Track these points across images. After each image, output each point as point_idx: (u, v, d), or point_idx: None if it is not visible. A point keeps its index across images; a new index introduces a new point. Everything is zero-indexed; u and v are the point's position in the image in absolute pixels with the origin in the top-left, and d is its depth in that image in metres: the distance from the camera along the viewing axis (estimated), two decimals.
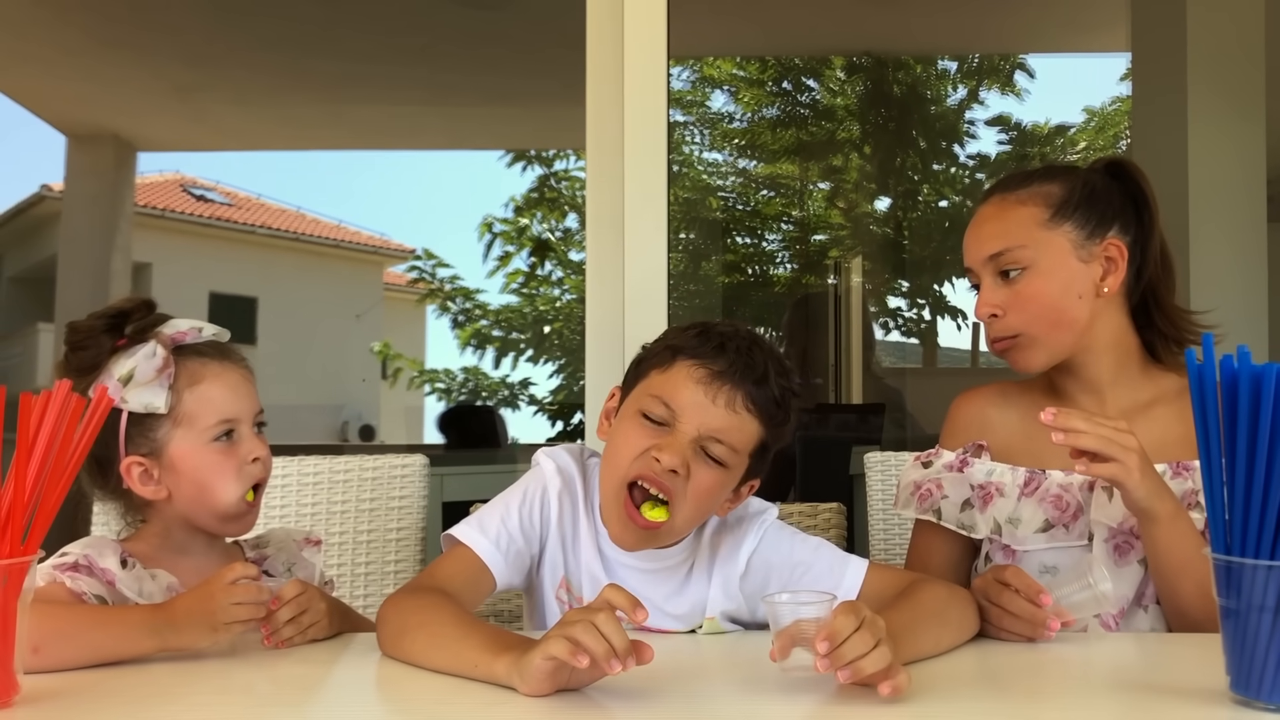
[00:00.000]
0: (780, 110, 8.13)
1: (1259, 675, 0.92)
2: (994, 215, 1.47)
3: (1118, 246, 1.43)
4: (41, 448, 0.95)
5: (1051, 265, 1.41)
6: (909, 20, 5.03)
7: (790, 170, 8.46)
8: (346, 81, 5.47)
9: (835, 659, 0.93)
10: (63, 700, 0.98)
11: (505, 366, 11.44)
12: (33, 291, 11.23)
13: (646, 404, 1.24)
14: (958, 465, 1.52)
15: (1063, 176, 1.46)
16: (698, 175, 8.56)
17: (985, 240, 1.45)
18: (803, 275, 8.36)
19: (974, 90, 8.01)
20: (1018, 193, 1.46)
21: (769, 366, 1.25)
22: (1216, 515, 0.96)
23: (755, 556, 1.32)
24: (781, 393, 1.25)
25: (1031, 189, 1.45)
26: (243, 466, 1.27)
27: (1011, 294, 1.42)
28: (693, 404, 1.21)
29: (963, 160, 8.06)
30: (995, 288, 1.44)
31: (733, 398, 1.22)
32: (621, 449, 1.24)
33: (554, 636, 0.93)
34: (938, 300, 8.04)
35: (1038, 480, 1.45)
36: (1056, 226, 1.42)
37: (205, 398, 1.26)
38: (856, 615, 0.96)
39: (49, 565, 1.18)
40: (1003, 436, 1.52)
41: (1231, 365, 0.94)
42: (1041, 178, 1.47)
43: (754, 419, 1.23)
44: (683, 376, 1.23)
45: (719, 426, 1.21)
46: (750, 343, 1.26)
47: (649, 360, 1.29)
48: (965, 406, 1.58)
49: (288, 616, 1.19)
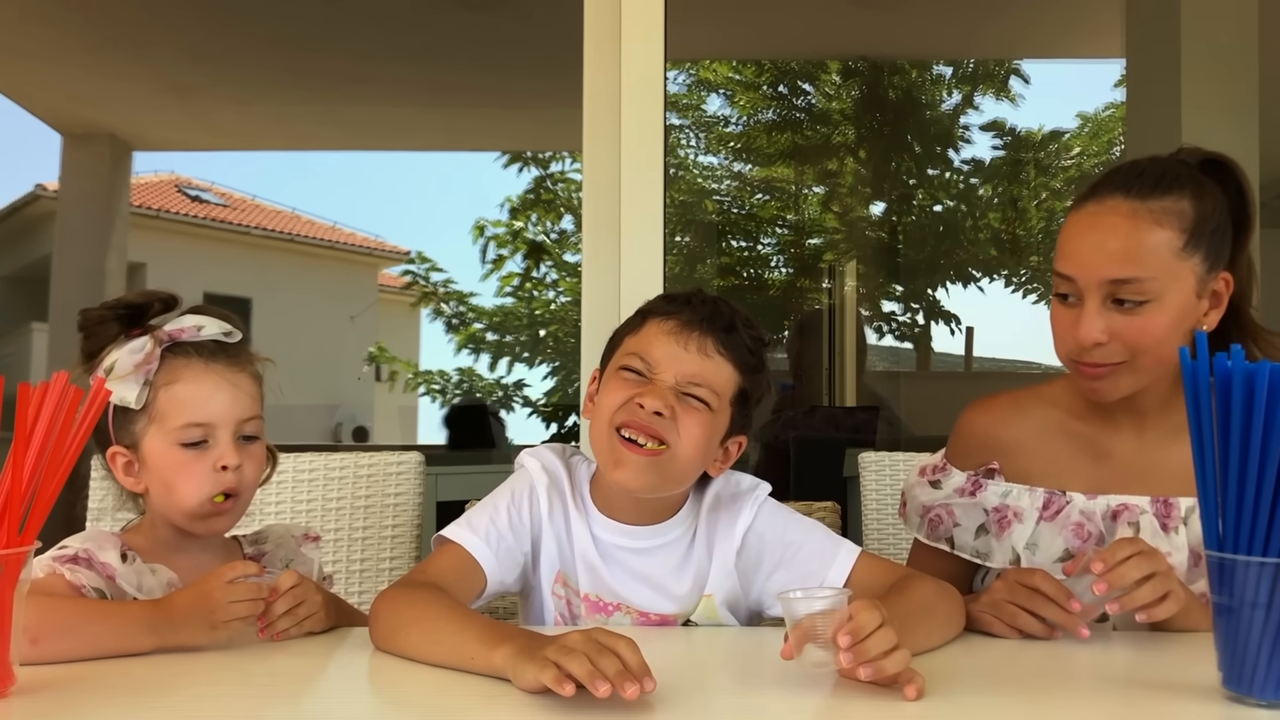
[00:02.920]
0: (776, 114, 8.15)
1: (1251, 671, 0.93)
2: (1125, 230, 1.27)
3: (1226, 280, 1.31)
4: (39, 438, 0.95)
5: (1175, 301, 1.27)
6: (904, 25, 5.05)
7: (785, 174, 8.47)
8: (343, 81, 5.48)
9: (858, 654, 0.94)
10: (59, 691, 0.98)
11: (500, 369, 11.46)
12: (27, 291, 11.20)
13: (627, 361, 1.28)
14: (969, 489, 1.43)
15: (1193, 190, 1.29)
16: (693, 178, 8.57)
17: (1113, 260, 1.26)
18: (797, 279, 8.38)
19: (969, 95, 8.04)
20: (1151, 205, 1.27)
21: (735, 316, 1.30)
22: (1210, 512, 0.97)
23: (750, 533, 1.34)
24: (751, 340, 1.30)
25: (1167, 203, 1.28)
26: (209, 474, 1.24)
27: (1127, 324, 1.27)
28: (667, 355, 1.26)
29: (957, 165, 8.08)
30: (1105, 312, 1.28)
31: (704, 343, 1.27)
32: (607, 401, 1.27)
33: (548, 662, 0.91)
34: (932, 305, 8.06)
35: (1058, 503, 1.38)
36: (1188, 258, 1.27)
37: (176, 398, 1.24)
38: (878, 613, 0.96)
39: (49, 557, 1.18)
40: (1018, 457, 1.43)
41: (1225, 364, 0.95)
42: (1174, 187, 1.29)
43: (727, 363, 1.28)
44: (654, 331, 1.29)
45: (695, 371, 1.26)
46: (714, 298, 1.32)
47: (621, 330, 1.35)
48: (975, 424, 1.48)
49: (284, 608, 1.19)
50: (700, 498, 1.36)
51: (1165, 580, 1.16)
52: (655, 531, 1.33)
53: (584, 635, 0.94)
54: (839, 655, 0.94)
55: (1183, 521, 1.33)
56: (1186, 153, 1.38)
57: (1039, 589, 1.21)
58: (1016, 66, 7.92)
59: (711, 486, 1.37)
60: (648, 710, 0.92)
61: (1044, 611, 1.21)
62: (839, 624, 0.96)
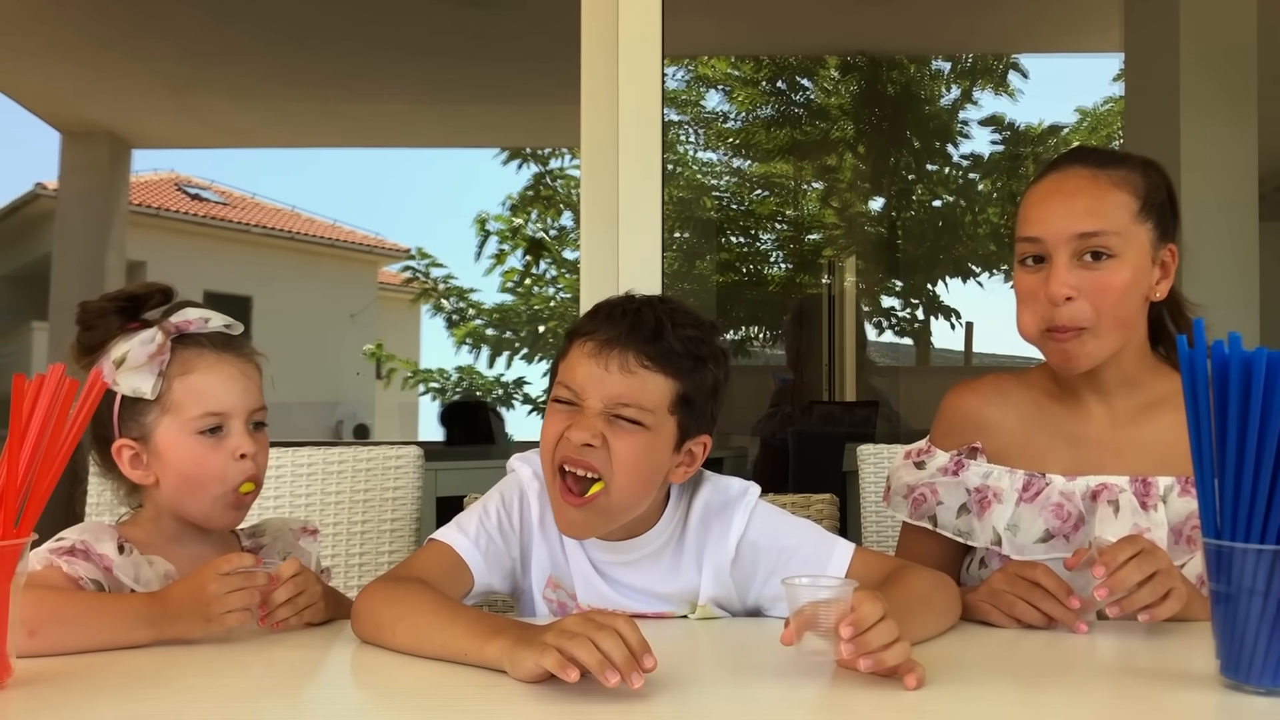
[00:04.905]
0: (774, 110, 8.15)
1: (1249, 658, 0.93)
2: (1089, 190, 1.35)
3: (1172, 252, 1.38)
4: (35, 431, 0.95)
5: (1133, 261, 1.33)
6: (903, 20, 5.05)
7: (784, 170, 8.47)
8: (342, 79, 5.48)
9: (859, 645, 0.94)
10: (56, 683, 0.98)
11: (500, 365, 11.46)
12: (26, 290, 11.20)
13: (557, 392, 1.26)
14: (952, 469, 1.46)
15: (1143, 169, 1.38)
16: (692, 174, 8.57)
17: (1079, 215, 1.33)
18: (796, 275, 8.38)
19: (967, 90, 8.04)
20: (1110, 172, 1.36)
21: (662, 321, 1.24)
22: (1207, 500, 0.97)
23: (743, 542, 1.32)
24: (685, 341, 1.24)
25: (1123, 173, 1.36)
26: (229, 462, 1.25)
27: (1093, 280, 1.32)
28: (589, 378, 1.22)
29: (956, 160, 8.09)
30: (1074, 269, 1.33)
31: (624, 360, 1.21)
32: (545, 440, 1.25)
33: (548, 647, 0.92)
34: (931, 300, 8.06)
35: (1037, 485, 1.40)
36: (1143, 222, 1.34)
37: (193, 388, 1.25)
38: (880, 605, 0.96)
39: (46, 549, 1.18)
40: (1000, 438, 1.46)
41: (1222, 351, 0.95)
42: (1126, 164, 1.38)
43: (656, 373, 1.22)
44: (577, 355, 1.24)
45: (619, 392, 1.21)
46: (641, 305, 1.27)
47: (557, 355, 1.32)
48: (959, 404, 1.51)
49: (285, 597, 1.19)
50: (685, 504, 1.34)
51: (1167, 579, 1.17)
52: (633, 545, 1.31)
53: (582, 618, 0.94)
54: (840, 646, 0.94)
55: (1161, 499, 1.34)
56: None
57: (1040, 583, 1.22)
58: (1015, 61, 7.93)
59: (700, 495, 1.34)
60: (648, 699, 0.92)
61: (1043, 606, 1.21)
62: (841, 614, 0.96)
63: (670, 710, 0.92)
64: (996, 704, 0.96)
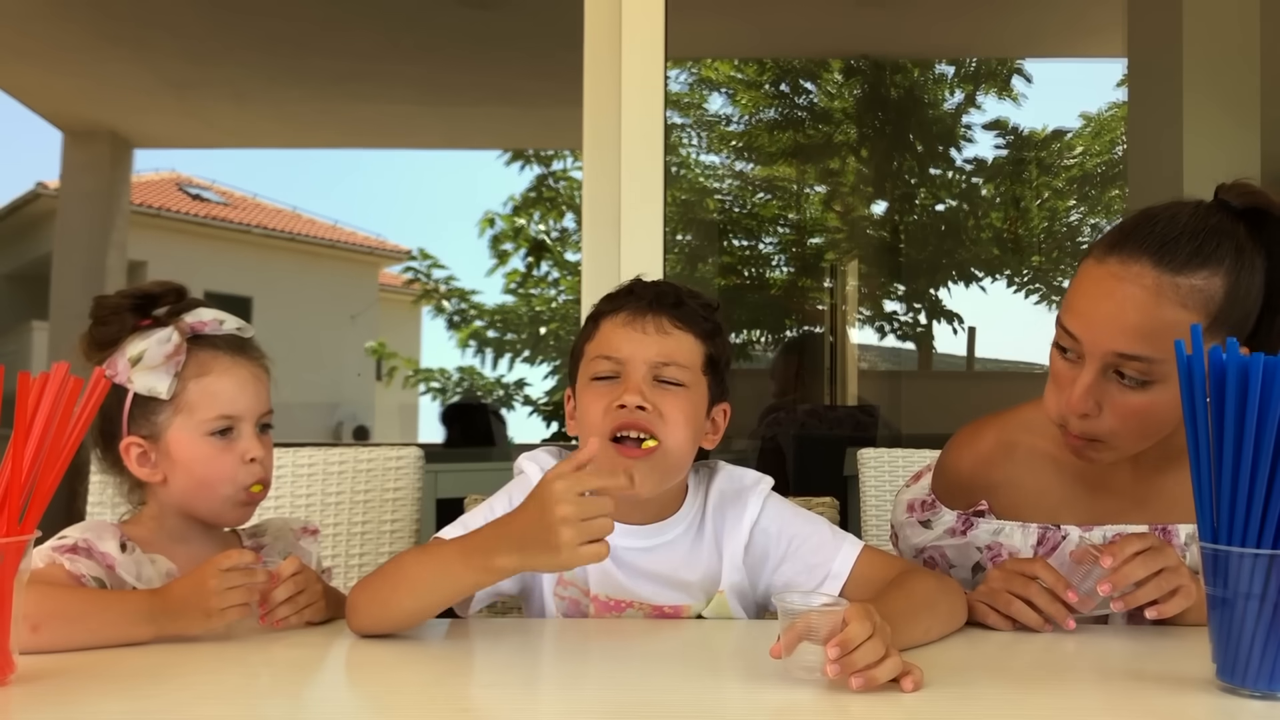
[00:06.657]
0: (777, 113, 8.14)
1: (1245, 662, 0.94)
2: (1147, 308, 1.15)
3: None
4: (39, 428, 0.96)
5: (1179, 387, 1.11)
6: (906, 24, 5.06)
7: (787, 173, 8.47)
8: (344, 79, 5.48)
9: (846, 665, 0.94)
10: (58, 680, 0.98)
11: (501, 367, 11.46)
12: (27, 289, 11.19)
13: (594, 368, 1.31)
14: (960, 529, 1.39)
15: (1231, 262, 1.16)
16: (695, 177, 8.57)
17: (1125, 337, 1.16)
18: (799, 278, 8.37)
19: (971, 94, 8.03)
20: (1180, 281, 1.15)
21: (679, 291, 1.35)
22: (1204, 504, 0.97)
23: (756, 528, 1.34)
24: (701, 307, 1.34)
25: (1197, 281, 1.15)
26: (239, 464, 1.27)
27: (1121, 401, 1.18)
28: (630, 343, 1.29)
29: (959, 164, 8.07)
30: (1102, 382, 1.19)
31: (660, 323, 1.30)
32: (589, 416, 1.29)
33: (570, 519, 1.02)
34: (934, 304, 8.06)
35: (1053, 538, 1.33)
36: (1211, 337, 1.13)
37: (208, 390, 1.27)
38: (870, 622, 0.96)
39: (48, 547, 1.19)
40: (1009, 495, 1.37)
41: (1220, 356, 0.95)
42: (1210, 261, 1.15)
43: (688, 334, 1.31)
44: (610, 328, 1.32)
45: (661, 351, 1.29)
46: (653, 281, 1.38)
47: (579, 341, 1.38)
48: (960, 466, 1.40)
49: (285, 595, 1.19)
50: (703, 493, 1.37)
51: (1174, 575, 1.16)
52: (659, 529, 1.33)
53: None
54: (826, 665, 0.95)
55: (1184, 548, 1.30)
56: (1233, 193, 1.23)
57: (1038, 577, 1.21)
58: (1019, 65, 7.91)
59: (716, 483, 1.37)
60: (657, 702, 0.92)
61: (1039, 601, 1.21)
62: (832, 632, 0.97)
63: (671, 710, 0.92)
64: (993, 706, 0.96)
